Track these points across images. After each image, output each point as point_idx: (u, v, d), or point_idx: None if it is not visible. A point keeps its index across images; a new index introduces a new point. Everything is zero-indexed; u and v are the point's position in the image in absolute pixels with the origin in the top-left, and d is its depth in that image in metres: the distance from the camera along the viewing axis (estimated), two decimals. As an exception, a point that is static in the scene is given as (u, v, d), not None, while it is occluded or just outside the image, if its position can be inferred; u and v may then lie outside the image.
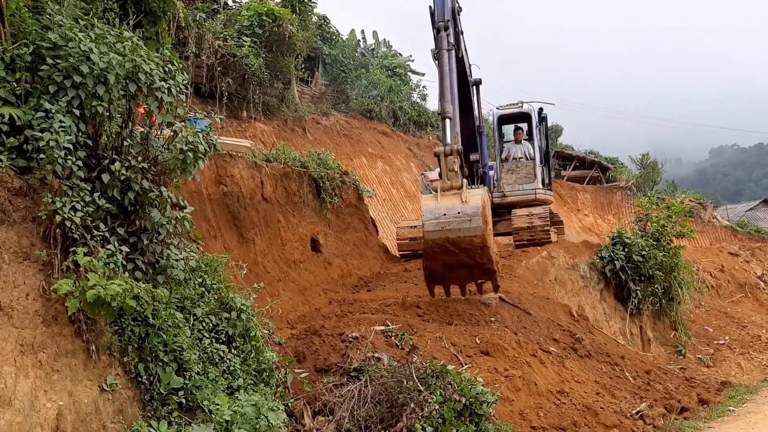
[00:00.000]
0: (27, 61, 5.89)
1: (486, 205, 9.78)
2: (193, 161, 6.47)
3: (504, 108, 17.14)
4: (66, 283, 5.34)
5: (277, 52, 19.66)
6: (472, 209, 9.47)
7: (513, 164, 16.00)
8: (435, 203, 9.74)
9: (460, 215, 9.51)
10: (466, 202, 9.49)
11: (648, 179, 39.84)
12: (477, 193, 9.73)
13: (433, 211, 9.70)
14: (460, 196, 9.60)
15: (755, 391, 11.87)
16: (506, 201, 15.82)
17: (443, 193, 9.77)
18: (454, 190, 9.73)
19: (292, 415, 6.98)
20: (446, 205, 9.63)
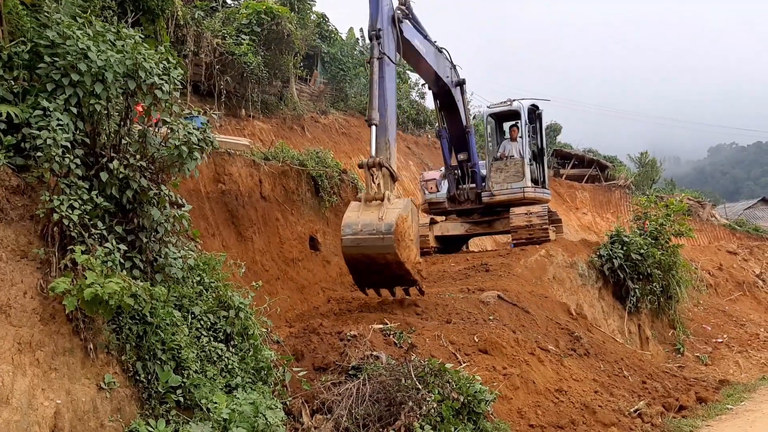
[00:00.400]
0: (25, 59, 5.89)
1: (405, 221, 9.82)
2: (188, 155, 6.46)
3: (495, 106, 17.15)
4: (63, 281, 5.33)
5: (276, 50, 19.66)
6: (386, 227, 9.54)
7: (502, 163, 15.95)
8: (356, 216, 9.85)
9: (375, 233, 9.60)
10: (382, 219, 9.60)
11: (647, 178, 39.89)
12: (395, 209, 9.78)
13: (351, 225, 9.81)
14: (378, 211, 9.71)
15: (753, 390, 11.87)
16: (495, 200, 15.75)
17: (366, 205, 9.90)
18: (376, 203, 9.86)
19: (291, 414, 6.98)
20: (364, 220, 9.73)
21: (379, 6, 11.21)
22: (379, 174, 9.95)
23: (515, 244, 15.37)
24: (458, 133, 15.63)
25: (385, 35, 11.11)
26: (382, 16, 11.18)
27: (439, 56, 14.13)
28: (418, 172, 25.42)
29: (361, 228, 9.70)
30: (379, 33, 10.93)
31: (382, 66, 10.86)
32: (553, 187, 27.33)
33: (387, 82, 10.88)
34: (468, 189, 16.05)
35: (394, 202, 9.96)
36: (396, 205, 9.86)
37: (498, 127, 17.25)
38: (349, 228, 9.81)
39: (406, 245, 9.95)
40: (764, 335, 17.43)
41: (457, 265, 13.95)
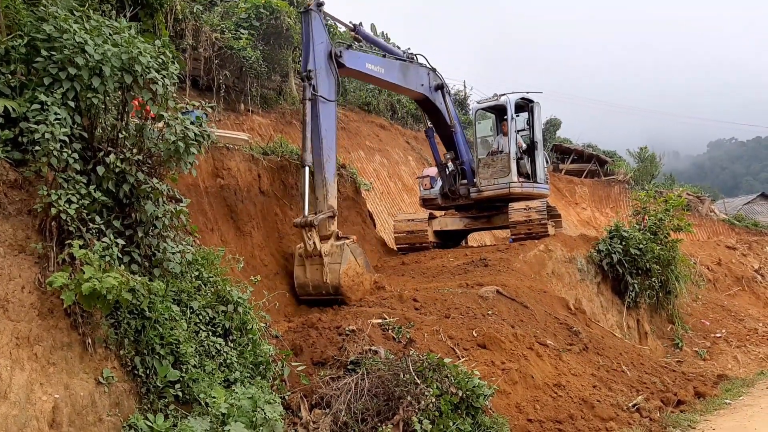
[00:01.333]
0: (22, 53, 5.87)
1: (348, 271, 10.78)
2: (185, 151, 6.44)
3: (483, 102, 17.21)
4: (61, 275, 5.33)
5: (275, 44, 19.59)
6: (333, 288, 10.70)
7: (489, 158, 15.93)
8: (303, 276, 10.98)
9: (325, 294, 10.77)
10: (327, 281, 10.67)
11: (646, 173, 39.83)
12: (335, 264, 10.72)
13: (303, 287, 11.06)
14: (322, 270, 10.75)
15: (751, 384, 11.89)
16: (482, 196, 15.71)
17: (309, 261, 10.86)
18: (318, 260, 10.78)
19: (289, 408, 6.99)
20: (313, 281, 10.87)
21: (310, 47, 11.56)
22: (313, 232, 10.66)
23: (514, 239, 15.36)
24: (444, 132, 15.82)
25: (319, 74, 11.48)
26: (315, 57, 11.53)
27: (407, 68, 14.35)
28: (418, 167, 25.41)
29: (311, 288, 10.92)
30: (309, 74, 11.32)
31: (315, 106, 11.29)
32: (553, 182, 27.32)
33: (321, 120, 11.29)
34: (460, 185, 16.09)
35: (333, 254, 10.81)
36: (335, 260, 10.77)
37: (497, 121, 17.22)
38: (302, 289, 11.09)
39: (357, 286, 10.95)
40: (763, 330, 17.45)
41: (456, 260, 13.94)
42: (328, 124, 11.41)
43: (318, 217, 10.73)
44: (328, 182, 11.13)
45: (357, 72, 13.13)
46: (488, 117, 17.42)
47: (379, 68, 13.50)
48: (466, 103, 35.60)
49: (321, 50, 11.67)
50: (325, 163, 11.14)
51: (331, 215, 11.00)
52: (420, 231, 16.04)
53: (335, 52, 11.89)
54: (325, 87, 11.55)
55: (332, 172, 11.34)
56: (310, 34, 11.59)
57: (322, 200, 11.06)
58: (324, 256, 10.66)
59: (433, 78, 15.03)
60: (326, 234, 10.93)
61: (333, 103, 11.70)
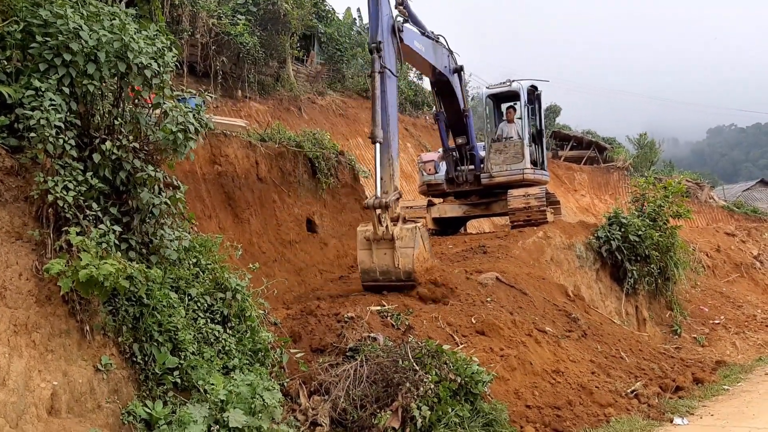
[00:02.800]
0: (17, 39, 5.82)
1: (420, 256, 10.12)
2: (183, 141, 6.41)
3: (493, 87, 17.06)
4: (58, 262, 5.31)
5: (272, 30, 19.52)
6: (405, 274, 10.00)
7: (501, 144, 15.88)
8: (369, 261, 10.19)
9: (395, 280, 10.07)
10: (398, 267, 9.96)
11: (645, 159, 39.83)
12: (407, 248, 10.02)
13: (368, 272, 10.26)
14: (392, 255, 10.01)
15: (750, 370, 11.93)
16: (494, 182, 15.71)
17: (377, 245, 10.11)
18: (387, 242, 10.06)
19: (288, 395, 6.99)
20: (381, 266, 10.11)
21: (378, 18, 11.00)
22: (386, 215, 9.97)
23: (513, 225, 15.36)
24: (456, 117, 15.53)
25: (386, 47, 10.91)
26: (383, 28, 10.98)
27: (437, 48, 14.04)
28: (416, 154, 25.35)
29: (380, 275, 10.14)
30: (379, 46, 10.72)
31: (384, 80, 10.69)
32: (552, 169, 27.29)
33: (389, 96, 10.74)
34: (467, 171, 16.00)
35: (405, 238, 10.06)
36: (407, 243, 10.03)
37: (496, 108, 17.16)
38: (367, 275, 10.25)
39: (426, 271, 10.30)
40: (761, 316, 17.48)
41: (455, 247, 13.94)
42: (393, 100, 10.92)
43: (391, 198, 10.14)
44: (394, 161, 10.61)
45: (407, 48, 12.33)
46: (486, 104, 17.36)
47: (421, 46, 13.03)
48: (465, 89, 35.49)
49: (386, 23, 11.13)
50: (392, 141, 10.63)
51: (399, 196, 10.47)
52: (418, 218, 16.01)
53: (398, 26, 11.42)
54: (392, 61, 11.08)
55: (396, 150, 10.91)
56: (379, 5, 11.04)
57: (388, 180, 10.43)
58: (396, 240, 9.99)
59: (451, 60, 14.82)
60: (394, 216, 10.28)
61: (396, 79, 11.24)
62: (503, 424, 7.17)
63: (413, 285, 10.06)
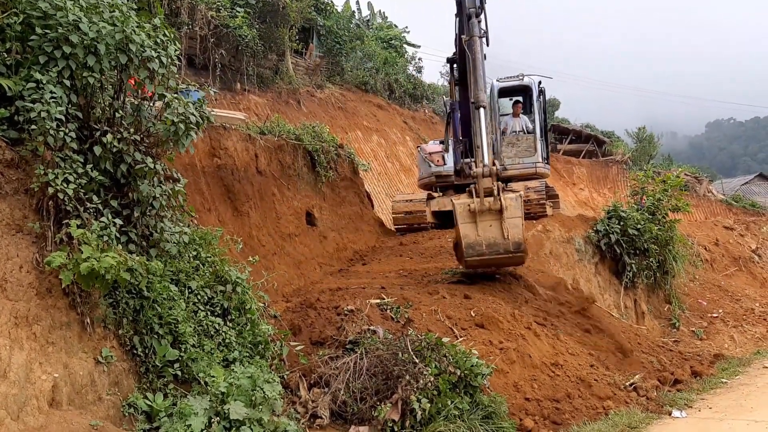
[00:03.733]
0: (17, 31, 5.79)
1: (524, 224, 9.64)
2: (185, 133, 6.40)
3: (504, 80, 16.96)
4: (59, 255, 5.31)
5: (271, 23, 19.47)
6: (514, 246, 9.48)
7: (513, 138, 15.89)
8: (474, 234, 9.56)
9: (503, 252, 9.51)
10: (508, 238, 9.41)
11: (644, 153, 39.81)
12: (515, 218, 9.48)
13: (474, 246, 9.63)
14: (500, 226, 9.43)
15: (747, 364, 11.95)
16: (506, 174, 15.69)
17: (481, 216, 9.52)
18: (493, 215, 9.51)
19: (288, 387, 7.01)
20: (488, 239, 9.52)
21: None
22: (498, 184, 9.50)
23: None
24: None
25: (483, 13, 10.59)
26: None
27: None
28: (415, 146, 25.32)
29: (486, 248, 9.62)
30: (479, 10, 10.42)
31: (483, 45, 10.38)
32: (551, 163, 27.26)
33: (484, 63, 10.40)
34: None
35: (511, 207, 9.57)
36: (514, 213, 9.57)
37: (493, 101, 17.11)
38: (473, 249, 9.71)
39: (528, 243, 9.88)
40: (759, 310, 17.52)
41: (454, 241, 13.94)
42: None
43: (499, 167, 9.68)
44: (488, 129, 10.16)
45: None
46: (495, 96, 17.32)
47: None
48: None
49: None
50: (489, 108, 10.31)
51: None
52: (418, 212, 16.01)
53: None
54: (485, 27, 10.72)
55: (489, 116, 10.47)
56: None
57: (489, 149, 9.98)
58: (504, 211, 9.47)
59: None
60: (491, 187, 9.67)
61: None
62: (502, 416, 7.19)
63: (521, 257, 9.65)
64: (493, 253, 9.60)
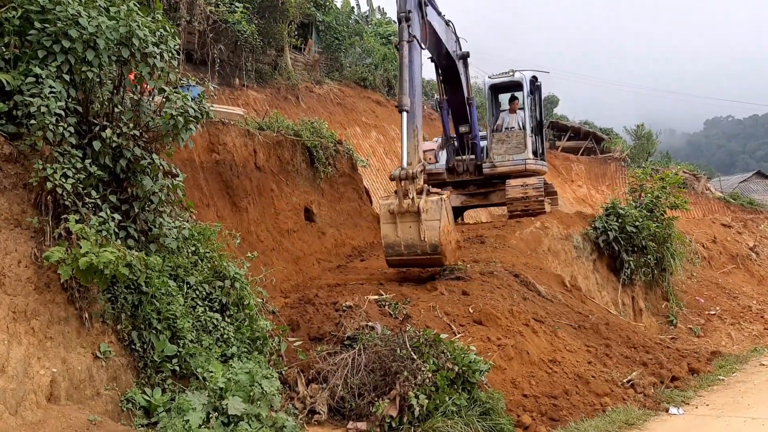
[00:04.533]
0: (15, 25, 5.79)
1: (446, 228, 9.86)
2: (184, 126, 6.40)
3: (496, 77, 16.99)
4: (58, 250, 5.31)
5: (270, 18, 19.41)
6: (431, 247, 9.72)
7: (504, 134, 15.88)
8: (394, 235, 9.89)
9: (420, 253, 9.77)
10: (425, 239, 9.68)
11: (642, 150, 39.76)
12: (433, 221, 9.74)
13: (393, 247, 9.96)
14: (418, 227, 9.72)
15: (745, 361, 11.97)
16: (496, 171, 15.73)
17: (401, 218, 9.83)
18: (411, 215, 9.78)
19: (286, 383, 7.02)
20: (406, 239, 9.83)
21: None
22: (412, 186, 9.72)
23: (511, 216, 15.37)
24: (460, 105, 15.47)
25: (414, 17, 10.78)
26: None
27: (447, 31, 13.95)
28: (414, 143, 25.25)
29: (404, 249, 9.86)
30: (408, 15, 10.61)
31: (412, 50, 10.58)
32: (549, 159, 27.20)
33: (415, 66, 10.62)
34: (467, 160, 15.98)
35: (431, 210, 9.79)
36: (432, 216, 9.77)
37: (494, 98, 17.14)
38: (392, 249, 9.98)
39: (450, 246, 10.09)
40: (756, 308, 17.57)
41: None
42: (418, 72, 10.82)
43: (416, 169, 9.87)
44: (418, 131, 10.42)
45: (429, 26, 12.15)
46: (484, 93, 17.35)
47: (439, 26, 12.96)
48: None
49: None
50: (416, 111, 10.46)
51: (423, 168, 10.22)
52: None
53: (424, 1, 11.28)
54: (418, 33, 10.95)
55: (420, 120, 10.66)
56: None
57: (413, 152, 10.19)
58: (421, 213, 9.69)
59: (458, 47, 14.71)
60: (418, 188, 9.95)
61: (421, 51, 11.14)
62: (500, 412, 7.20)
63: (439, 259, 9.82)
64: (411, 253, 9.87)
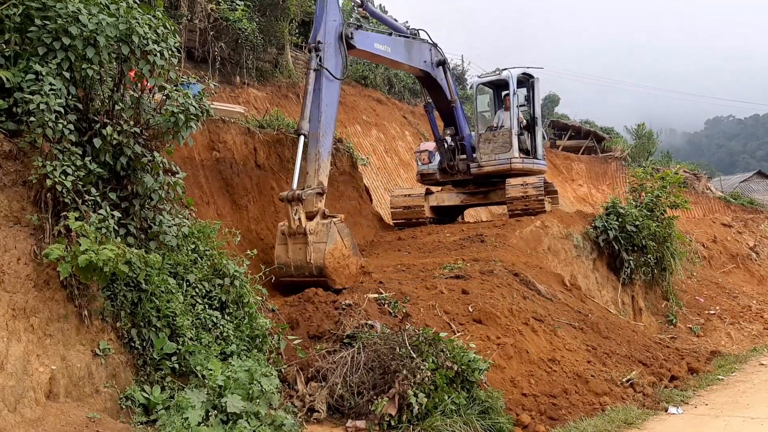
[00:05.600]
0: (16, 22, 5.79)
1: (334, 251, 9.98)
2: (184, 124, 6.40)
3: (484, 76, 17.07)
4: (57, 247, 5.31)
5: (271, 16, 19.41)
6: (316, 269, 9.87)
7: (490, 134, 15.89)
8: (285, 255, 10.12)
9: (308, 275, 9.91)
10: (311, 262, 9.86)
11: (643, 149, 39.71)
12: (320, 244, 9.95)
13: (284, 266, 10.12)
14: (305, 250, 9.94)
15: (744, 361, 11.97)
16: (482, 171, 15.72)
17: (292, 240, 10.06)
18: (302, 238, 10.00)
19: (285, 381, 7.02)
20: (295, 260, 10.04)
21: (323, 21, 11.28)
22: (300, 208, 9.95)
23: (511, 215, 15.36)
24: (445, 108, 15.67)
25: (327, 49, 11.16)
26: (326, 31, 11.26)
27: (411, 45, 14.16)
28: (415, 142, 25.30)
29: (293, 269, 10.06)
30: (318, 45, 11.01)
31: (320, 78, 10.91)
32: (549, 159, 27.27)
33: (324, 94, 10.90)
34: (459, 160, 16.03)
35: (319, 233, 10.05)
36: (320, 238, 10.02)
37: (497, 96, 17.13)
38: (282, 269, 10.12)
39: (342, 269, 10.17)
40: (756, 307, 17.55)
41: (452, 236, 13.95)
42: (329, 100, 11.08)
43: (306, 192, 10.11)
44: (321, 157, 10.69)
45: (366, 52, 12.89)
46: (486, 92, 17.34)
47: (386, 47, 13.28)
48: (464, 77, 35.45)
49: (332, 27, 11.40)
50: (321, 137, 10.75)
51: (320, 192, 10.44)
52: (416, 206, 16.02)
53: (346, 33, 11.61)
54: (332, 63, 11.25)
55: (327, 148, 10.93)
56: (324, 9, 11.34)
57: (312, 175, 10.52)
58: (309, 235, 9.93)
59: (434, 54, 14.87)
60: (312, 211, 10.22)
61: (338, 82, 11.41)
62: (499, 411, 7.20)
63: (326, 281, 9.86)
64: (300, 275, 10.03)
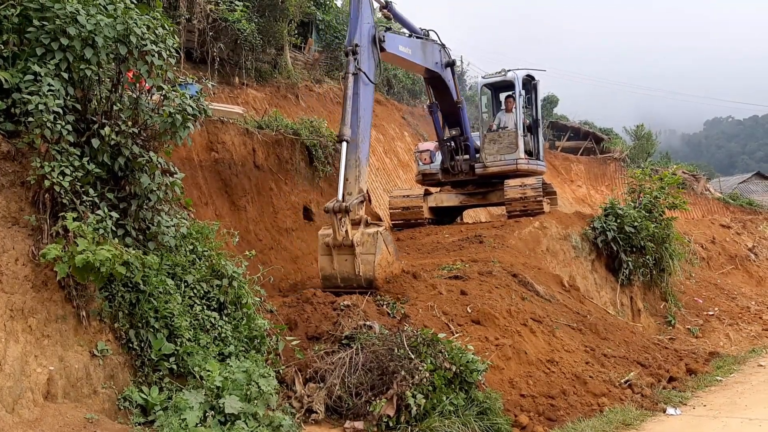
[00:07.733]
0: (14, 23, 5.79)
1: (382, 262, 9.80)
2: (182, 124, 6.39)
3: (488, 76, 17.03)
4: (55, 248, 5.31)
5: (270, 17, 19.41)
6: (366, 281, 9.67)
7: (496, 134, 15.89)
8: (330, 267, 9.87)
9: (356, 286, 9.69)
10: (359, 274, 9.65)
11: (642, 150, 39.75)
12: (368, 255, 9.72)
13: (329, 279, 9.91)
14: (353, 261, 9.71)
15: (743, 362, 11.97)
16: (488, 172, 15.72)
17: (338, 252, 9.78)
18: (347, 250, 9.73)
19: (284, 382, 7.02)
20: (342, 272, 9.78)
21: (358, 25, 11.16)
22: (346, 219, 9.69)
23: (510, 215, 15.37)
24: (450, 108, 15.62)
25: (363, 52, 11.01)
26: (362, 33, 11.13)
27: (426, 46, 14.11)
28: (413, 143, 25.29)
29: (340, 280, 9.83)
30: (355, 49, 10.84)
31: (358, 82, 10.73)
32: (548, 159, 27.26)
33: (362, 99, 10.73)
34: (462, 161, 16.02)
35: (366, 244, 9.79)
36: (368, 249, 9.76)
37: (495, 97, 17.13)
38: (329, 281, 9.94)
39: (388, 277, 10.00)
40: (755, 308, 17.56)
41: (451, 237, 13.95)
42: (366, 104, 10.91)
43: (352, 202, 9.83)
44: (361, 163, 10.42)
45: (392, 55, 12.63)
46: (485, 93, 17.33)
47: (408, 49, 13.17)
48: (462, 78, 35.46)
49: (366, 30, 11.30)
50: (361, 143, 10.51)
51: (362, 200, 10.22)
52: (415, 207, 16.03)
53: (379, 36, 11.49)
54: (366, 66, 11.10)
55: (366, 154, 10.71)
56: (359, 12, 11.23)
57: (353, 182, 10.20)
58: (356, 246, 9.64)
59: (443, 55, 14.81)
60: (355, 219, 9.92)
61: (372, 86, 11.27)
62: (497, 412, 7.21)
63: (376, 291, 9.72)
64: (347, 287, 9.78)
